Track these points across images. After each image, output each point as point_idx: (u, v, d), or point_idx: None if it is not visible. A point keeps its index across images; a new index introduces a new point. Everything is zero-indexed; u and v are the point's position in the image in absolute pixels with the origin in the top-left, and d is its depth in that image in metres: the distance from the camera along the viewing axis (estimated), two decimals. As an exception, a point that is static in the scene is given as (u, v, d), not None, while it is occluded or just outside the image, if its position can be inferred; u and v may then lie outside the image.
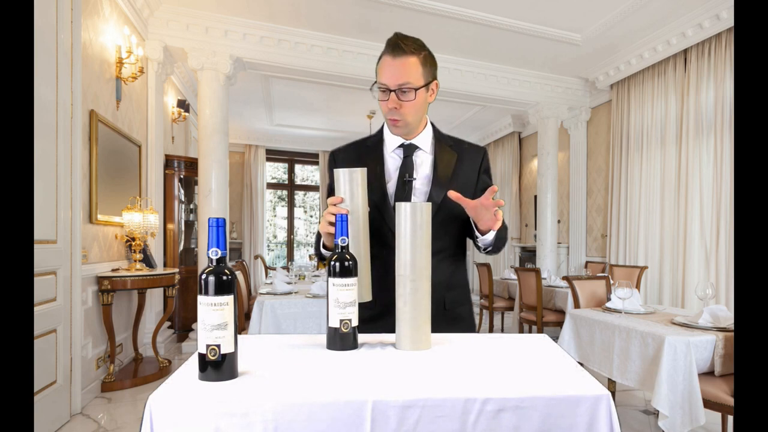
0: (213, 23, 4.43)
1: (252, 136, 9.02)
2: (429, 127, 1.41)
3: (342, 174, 1.15)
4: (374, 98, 1.33)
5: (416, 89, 1.25)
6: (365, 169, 1.16)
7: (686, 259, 4.55)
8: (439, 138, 1.41)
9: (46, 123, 2.57)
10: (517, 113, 7.33)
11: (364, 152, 1.39)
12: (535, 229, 6.87)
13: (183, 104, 5.63)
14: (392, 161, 1.37)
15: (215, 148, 4.51)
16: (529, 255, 7.54)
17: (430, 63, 1.30)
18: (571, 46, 5.02)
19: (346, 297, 1.00)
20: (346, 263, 1.01)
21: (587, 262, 6.05)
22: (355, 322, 1.02)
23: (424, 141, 1.38)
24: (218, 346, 0.81)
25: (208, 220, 0.85)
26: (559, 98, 6.06)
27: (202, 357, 0.81)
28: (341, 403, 0.74)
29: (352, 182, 1.14)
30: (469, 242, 1.42)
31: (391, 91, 1.25)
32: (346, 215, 1.04)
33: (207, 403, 0.73)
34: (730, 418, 2.44)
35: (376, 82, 1.32)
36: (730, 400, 2.07)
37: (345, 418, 0.74)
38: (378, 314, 1.29)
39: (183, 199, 5.20)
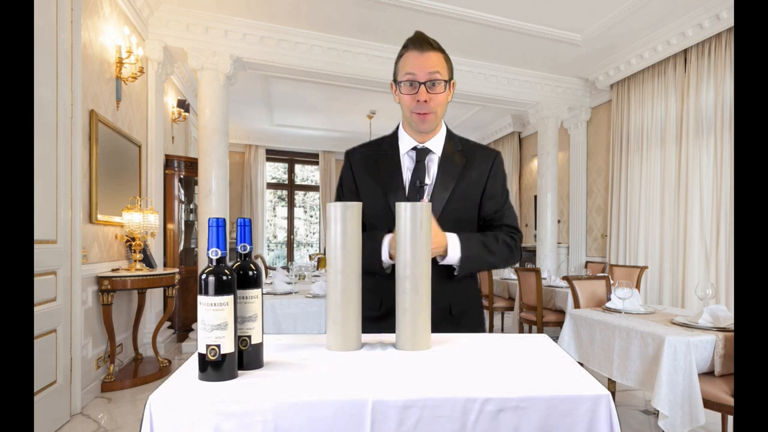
0: (213, 23, 4.43)
1: (252, 136, 9.02)
2: (443, 129, 1.39)
3: (334, 209, 1.03)
4: (398, 93, 1.30)
5: (446, 81, 1.26)
6: (360, 204, 1.05)
7: (686, 259, 4.55)
8: (451, 140, 1.39)
9: (46, 123, 2.57)
10: (517, 113, 7.32)
11: (381, 155, 1.38)
12: (535, 229, 6.87)
13: (183, 104, 5.63)
14: (405, 164, 1.36)
15: (215, 148, 4.51)
16: (529, 255, 7.53)
17: (450, 62, 1.31)
18: (571, 46, 5.02)
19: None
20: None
21: (587, 262, 6.05)
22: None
23: (437, 144, 1.36)
24: (218, 346, 0.81)
25: (208, 220, 0.85)
26: (559, 98, 6.06)
27: (202, 357, 0.82)
28: (341, 403, 0.74)
29: (344, 219, 1.02)
30: None
31: (420, 83, 1.24)
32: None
33: (207, 403, 0.73)
34: (730, 418, 2.43)
35: (395, 78, 1.30)
36: (730, 400, 2.07)
37: (345, 418, 0.74)
38: (383, 315, 1.29)
39: (183, 199, 5.19)
